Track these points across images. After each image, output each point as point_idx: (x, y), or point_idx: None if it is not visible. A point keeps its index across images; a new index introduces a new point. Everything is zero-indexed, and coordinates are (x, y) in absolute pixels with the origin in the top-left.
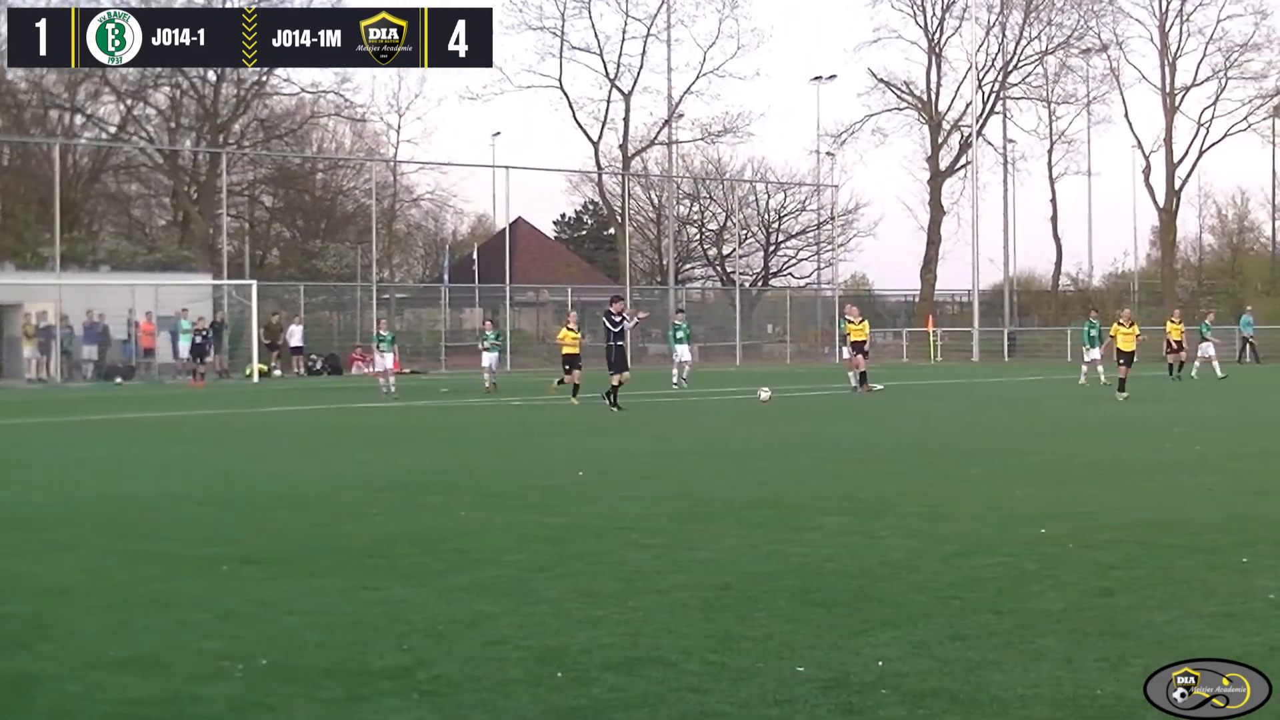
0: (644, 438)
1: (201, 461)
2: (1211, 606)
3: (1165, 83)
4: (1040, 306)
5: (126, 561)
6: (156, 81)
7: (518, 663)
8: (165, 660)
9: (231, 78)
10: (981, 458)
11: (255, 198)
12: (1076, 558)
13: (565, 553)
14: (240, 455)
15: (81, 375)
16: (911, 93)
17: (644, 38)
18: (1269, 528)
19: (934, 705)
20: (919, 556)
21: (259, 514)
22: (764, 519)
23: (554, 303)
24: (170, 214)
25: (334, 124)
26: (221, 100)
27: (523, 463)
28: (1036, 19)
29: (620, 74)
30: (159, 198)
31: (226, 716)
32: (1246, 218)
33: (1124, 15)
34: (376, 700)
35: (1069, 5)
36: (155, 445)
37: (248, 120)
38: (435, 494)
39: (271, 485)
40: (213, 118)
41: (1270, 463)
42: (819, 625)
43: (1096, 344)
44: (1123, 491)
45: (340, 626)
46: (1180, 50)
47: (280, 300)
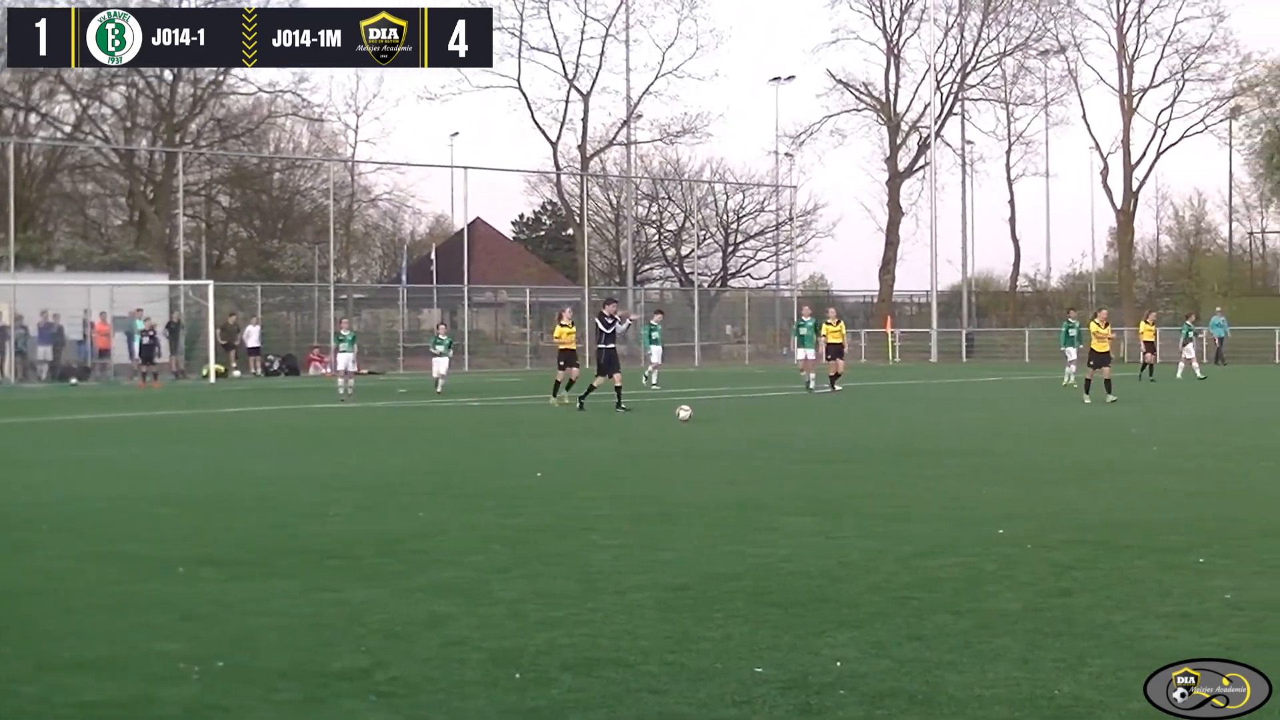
0: (605, 438)
1: (158, 463)
2: (1168, 607)
3: (1123, 84)
4: (998, 307)
5: (84, 563)
6: (112, 81)
7: (476, 664)
8: (122, 662)
9: (188, 77)
10: (940, 459)
11: (212, 198)
12: (1034, 558)
13: (524, 554)
14: (198, 457)
15: (36, 376)
16: (870, 94)
17: (603, 38)
18: (1225, 528)
19: (892, 705)
20: (877, 557)
21: (217, 515)
22: (723, 520)
23: (512, 303)
24: (126, 214)
25: (291, 124)
26: (178, 100)
27: (482, 463)
28: (995, 20)
29: (579, 74)
30: (115, 197)
31: (183, 719)
32: (1203, 219)
33: (1082, 17)
34: (334, 702)
35: (1027, 7)
36: (112, 447)
37: (204, 120)
38: (393, 495)
39: (229, 486)
40: (169, 117)
41: (1226, 463)
42: (777, 626)
43: (1075, 344)
44: (1080, 492)
45: (298, 628)
46: (1138, 52)
47: (237, 301)
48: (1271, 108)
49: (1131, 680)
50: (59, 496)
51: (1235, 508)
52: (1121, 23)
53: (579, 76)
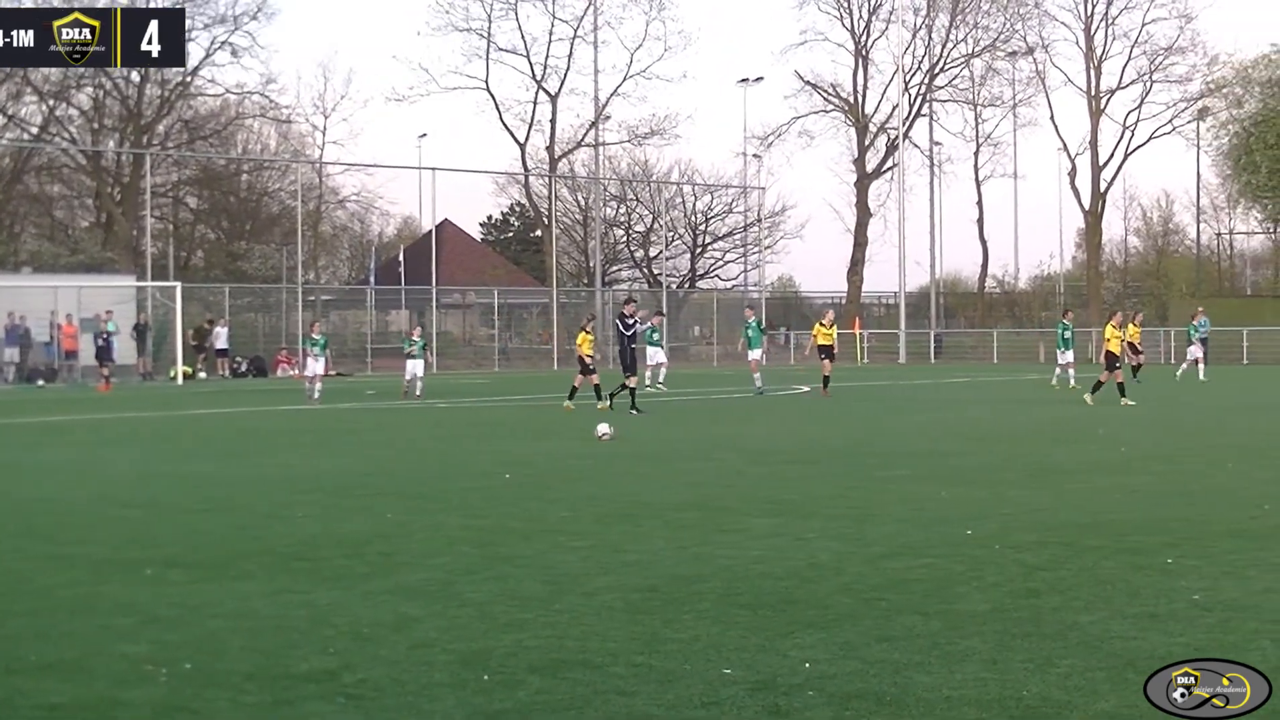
0: (570, 440)
1: (125, 464)
2: (1136, 607)
3: (1090, 86)
4: (966, 308)
5: (49, 565)
6: (79, 82)
7: (443, 666)
8: (88, 664)
9: (155, 78)
10: (908, 460)
11: (179, 199)
12: (1002, 559)
13: (491, 555)
14: (164, 458)
15: (2, 378)
16: (838, 95)
17: (571, 39)
18: (1192, 529)
19: (860, 707)
20: (846, 559)
21: (183, 517)
22: (691, 521)
23: (480, 305)
24: (93, 215)
25: (259, 125)
26: (145, 101)
27: (449, 465)
28: (963, 22)
29: (547, 76)
30: (82, 199)
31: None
32: (1171, 220)
33: (1050, 19)
34: (301, 704)
35: (995, 8)
36: (78, 448)
37: (172, 121)
38: (360, 497)
39: (196, 488)
40: (136, 118)
41: (1193, 464)
42: (746, 627)
43: (1070, 346)
44: (1048, 493)
45: (265, 630)
46: (1105, 54)
47: (205, 302)
48: (1239, 109)
49: (1100, 680)
50: (23, 498)
51: (1203, 509)
52: (1089, 24)
53: (547, 78)
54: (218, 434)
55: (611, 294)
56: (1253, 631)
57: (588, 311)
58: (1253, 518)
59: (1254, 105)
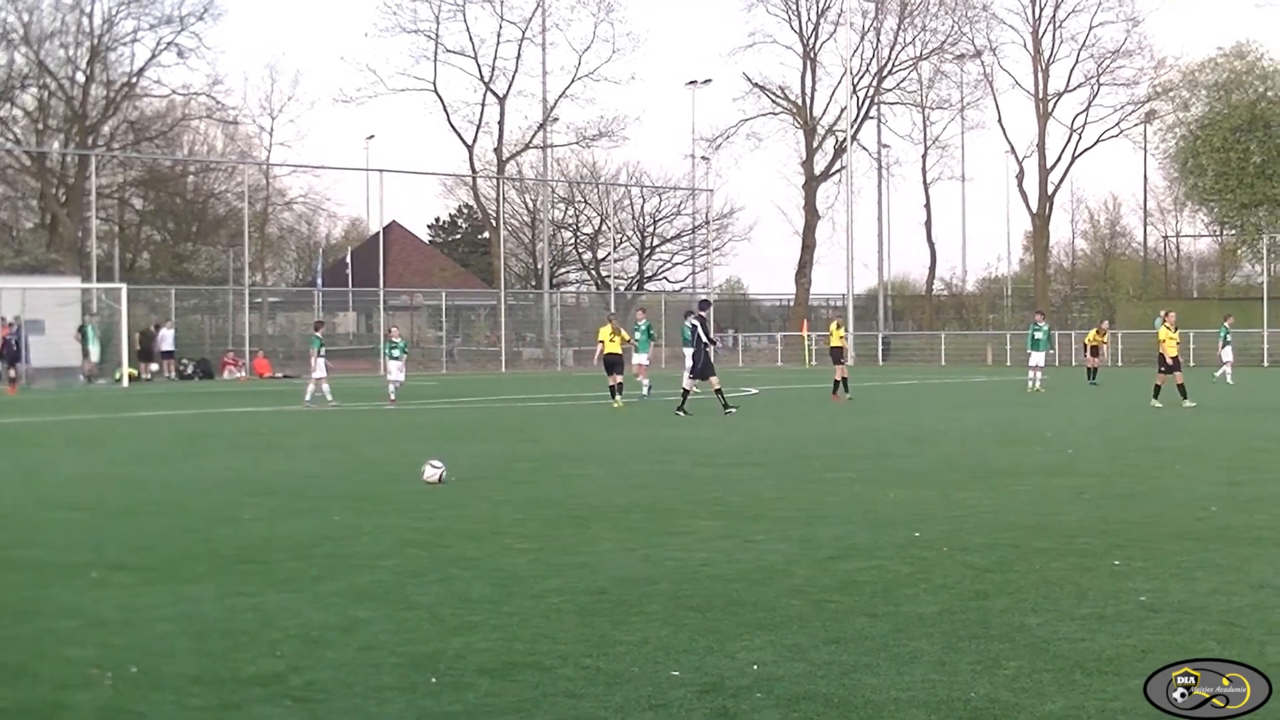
0: (516, 443)
1: (69, 467)
2: (1084, 609)
3: (1038, 89)
4: (914, 311)
5: None
6: (23, 82)
7: (392, 668)
8: (32, 668)
9: (101, 79)
10: (855, 461)
11: (125, 200)
12: (950, 561)
13: (440, 558)
14: (110, 460)
15: None
16: (786, 97)
17: (519, 41)
18: (1139, 531)
19: (808, 709)
20: (794, 561)
21: (129, 520)
22: (638, 523)
23: (428, 307)
24: (38, 216)
25: (205, 126)
26: (90, 101)
27: (397, 468)
28: (911, 24)
29: (495, 77)
30: (26, 200)
31: None
32: (1118, 223)
33: (998, 21)
34: (248, 707)
35: (943, 11)
36: (20, 450)
37: (118, 122)
38: (308, 499)
39: (142, 491)
40: (81, 119)
41: (1139, 466)
42: (694, 629)
43: (1041, 348)
44: (995, 495)
45: (212, 633)
46: (1053, 57)
47: (151, 304)
48: (1185, 112)
49: (1047, 682)
50: None
51: (1149, 510)
52: (1037, 27)
53: (495, 80)
54: (164, 436)
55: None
56: (1200, 633)
57: (608, 311)
58: (1199, 519)
59: (1200, 109)
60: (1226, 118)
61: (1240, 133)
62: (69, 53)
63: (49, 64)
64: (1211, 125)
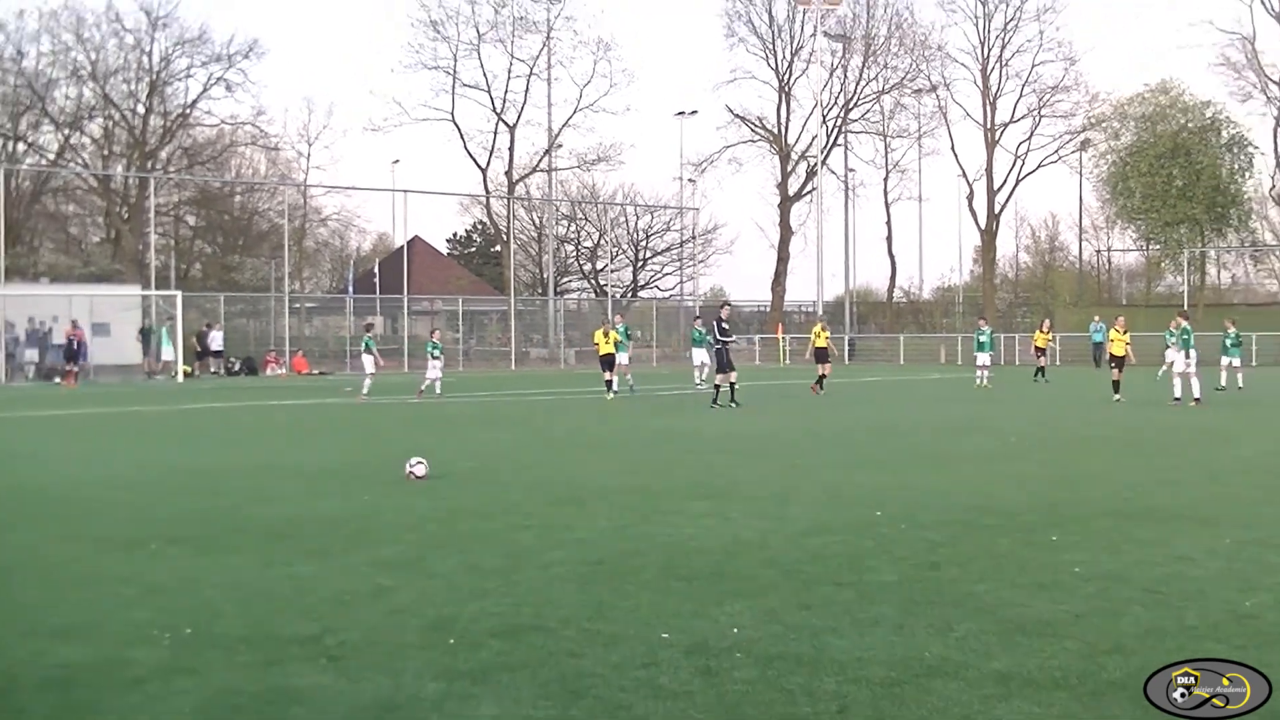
0: (521, 430)
1: (130, 453)
2: (1025, 578)
3: (986, 120)
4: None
5: (60, 542)
6: (91, 113)
7: (414, 630)
8: (98, 629)
9: (159, 110)
10: (824, 449)
11: (180, 217)
12: (908, 536)
13: (455, 533)
14: (164, 446)
15: (24, 376)
16: (764, 127)
17: (527, 77)
18: (1074, 510)
19: (782, 667)
20: (769, 536)
21: (181, 499)
22: (632, 503)
23: (446, 311)
24: (103, 232)
25: (250, 152)
26: (150, 130)
27: (417, 453)
28: (874, 62)
29: (506, 109)
30: (93, 217)
31: (154, 679)
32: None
33: (950, 60)
34: (288, 664)
35: (903, 50)
36: (85, 438)
37: (173, 148)
38: (338, 481)
39: (192, 474)
40: (142, 146)
41: (1073, 454)
42: (681, 597)
43: (987, 349)
44: (948, 478)
45: (254, 598)
46: (1000, 91)
47: (202, 309)
48: (1116, 141)
49: (993, 643)
50: (39, 483)
51: (1082, 492)
52: (985, 65)
53: (506, 110)
54: (212, 426)
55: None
56: (1126, 599)
57: (605, 316)
58: (1125, 500)
59: (1129, 138)
60: (1152, 146)
61: (1164, 159)
62: (131, 87)
63: (113, 97)
64: (1139, 152)
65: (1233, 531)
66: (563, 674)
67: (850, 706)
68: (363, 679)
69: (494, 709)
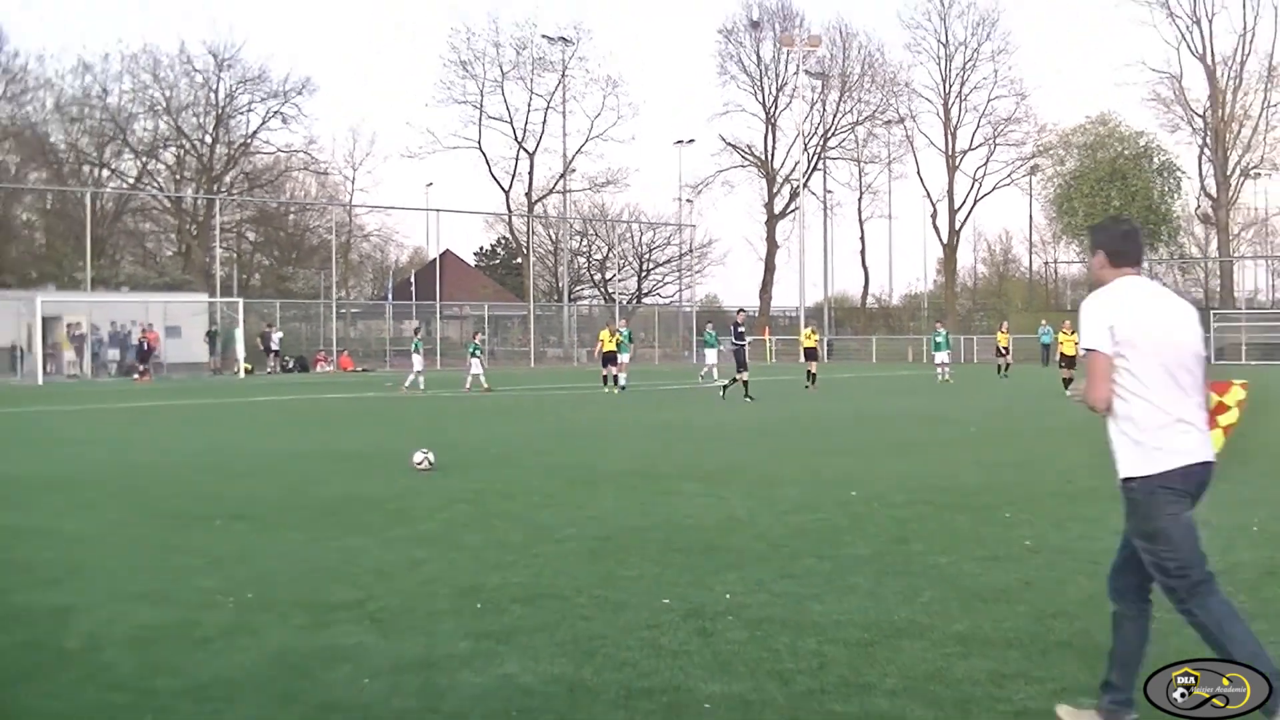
0: (539, 422)
1: (199, 439)
2: (981, 551)
3: (947, 148)
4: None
5: (139, 517)
6: (165, 143)
7: (446, 596)
8: (172, 594)
9: (223, 140)
10: (805, 437)
11: (241, 234)
12: (879, 515)
13: (482, 511)
14: (229, 434)
15: (106, 372)
16: (752, 154)
17: (545, 110)
18: (1024, 491)
19: (768, 628)
20: (757, 514)
21: (242, 480)
22: (637, 485)
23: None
24: (175, 246)
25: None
26: (216, 157)
27: (449, 441)
28: (849, 97)
29: (526, 138)
30: (167, 234)
31: (220, 637)
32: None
33: (916, 95)
34: (335, 625)
35: (875, 87)
36: (159, 426)
37: (236, 173)
38: (379, 465)
39: (252, 458)
40: (209, 171)
41: (1024, 442)
42: (680, 568)
43: (943, 349)
44: (914, 463)
45: (307, 568)
46: (959, 123)
47: (260, 314)
48: (1062, 166)
49: (954, 608)
50: (121, 466)
51: (1032, 475)
52: (947, 100)
53: (526, 139)
54: (269, 416)
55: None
56: (1071, 569)
57: (611, 320)
58: (1069, 482)
59: (1073, 163)
60: (1093, 171)
61: (1103, 183)
62: (199, 120)
63: (184, 129)
64: (1081, 177)
65: None
66: (576, 635)
67: (829, 664)
68: (402, 639)
69: (516, 665)
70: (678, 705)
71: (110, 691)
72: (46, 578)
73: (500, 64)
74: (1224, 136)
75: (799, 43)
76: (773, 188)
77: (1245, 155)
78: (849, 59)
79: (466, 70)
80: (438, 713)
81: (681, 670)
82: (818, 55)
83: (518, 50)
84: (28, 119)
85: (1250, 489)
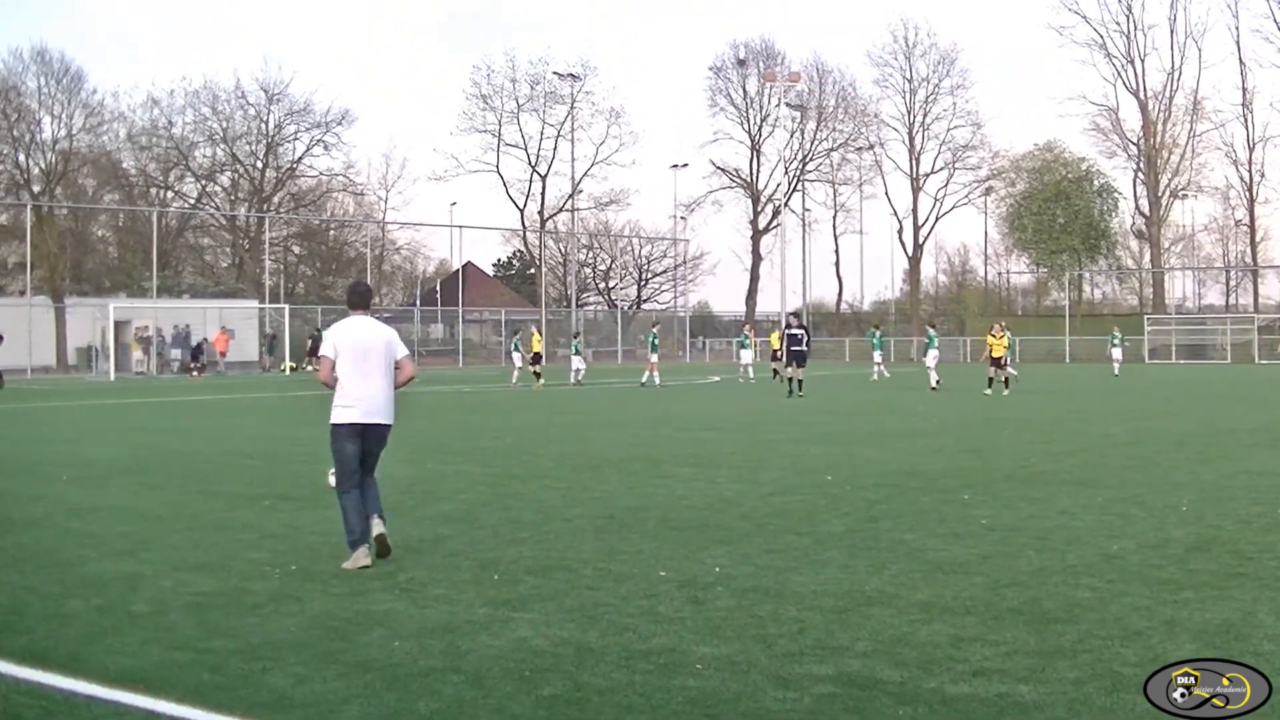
0: (548, 415)
1: (250, 429)
2: (943, 529)
3: (912, 171)
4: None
5: (199, 498)
6: (222, 168)
7: (467, 569)
8: (226, 566)
9: (273, 165)
10: (785, 427)
11: (288, 248)
12: (852, 496)
13: (499, 493)
14: (276, 424)
15: (170, 369)
16: (739, 176)
17: (555, 138)
18: (981, 475)
19: (754, 597)
20: (744, 496)
21: (287, 465)
22: (636, 469)
23: (492, 320)
24: (230, 259)
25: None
26: (266, 180)
27: (470, 430)
28: (825, 126)
29: (539, 162)
30: (223, 248)
31: (268, 604)
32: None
33: (885, 125)
34: (370, 594)
35: (847, 117)
36: (212, 416)
37: (283, 194)
38: (408, 452)
39: (297, 445)
40: (259, 193)
41: (980, 432)
42: (675, 543)
43: (879, 349)
44: (882, 450)
45: (344, 544)
46: (922, 150)
47: (304, 319)
48: (1013, 188)
49: (919, 579)
50: (181, 452)
51: (988, 461)
52: (911, 129)
53: (539, 163)
54: (311, 407)
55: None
56: (1022, 545)
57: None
58: (1022, 467)
59: (1024, 185)
60: (1040, 192)
61: (1050, 202)
62: (252, 147)
63: (239, 155)
64: (1030, 197)
65: (1104, 491)
66: (582, 603)
67: (807, 629)
68: (428, 606)
69: (529, 630)
70: (673, 665)
71: (173, 650)
72: (119, 549)
73: (516, 97)
74: (1155, 162)
75: (780, 78)
76: (757, 206)
77: (1174, 178)
78: (825, 93)
79: (486, 103)
80: (460, 672)
81: (676, 634)
82: (797, 89)
83: (532, 85)
84: (103, 148)
85: (1180, 473)
